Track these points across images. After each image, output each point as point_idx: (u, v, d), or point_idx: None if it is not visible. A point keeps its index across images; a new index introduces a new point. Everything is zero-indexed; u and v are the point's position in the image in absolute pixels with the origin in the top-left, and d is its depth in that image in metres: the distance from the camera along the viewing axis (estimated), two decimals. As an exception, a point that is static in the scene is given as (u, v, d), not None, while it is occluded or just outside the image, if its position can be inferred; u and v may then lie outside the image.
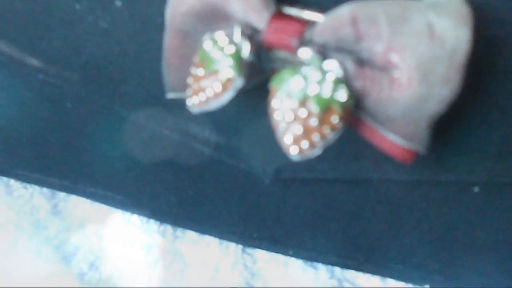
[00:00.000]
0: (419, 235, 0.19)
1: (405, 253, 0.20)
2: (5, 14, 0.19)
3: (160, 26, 0.17)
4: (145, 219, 0.23)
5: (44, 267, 0.20)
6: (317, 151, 0.13)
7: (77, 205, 0.23)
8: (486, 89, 0.15)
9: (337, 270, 0.21)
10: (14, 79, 0.20)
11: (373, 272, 0.21)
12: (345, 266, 0.21)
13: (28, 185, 0.23)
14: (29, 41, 0.19)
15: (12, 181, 0.23)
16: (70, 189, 0.23)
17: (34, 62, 0.20)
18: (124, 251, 0.22)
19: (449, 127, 0.16)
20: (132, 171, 0.22)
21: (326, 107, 0.13)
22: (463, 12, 0.14)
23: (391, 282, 0.21)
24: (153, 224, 0.22)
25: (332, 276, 0.21)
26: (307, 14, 0.15)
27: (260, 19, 0.14)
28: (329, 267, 0.21)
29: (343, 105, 0.13)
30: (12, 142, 0.23)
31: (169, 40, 0.16)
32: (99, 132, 0.21)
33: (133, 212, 0.23)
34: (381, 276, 0.21)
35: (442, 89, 0.13)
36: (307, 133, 0.13)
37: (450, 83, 0.13)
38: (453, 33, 0.13)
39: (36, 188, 0.23)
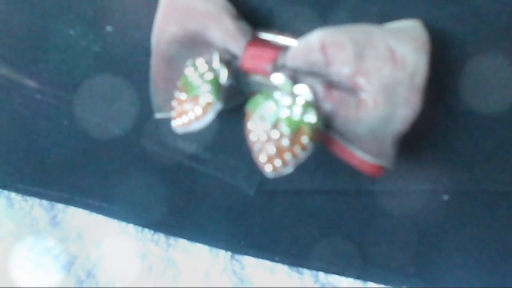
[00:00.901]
0: (396, 241, 0.20)
1: (384, 258, 0.21)
2: (4, 39, 0.20)
3: (147, 50, 0.18)
4: (139, 228, 0.24)
5: (44, 276, 0.22)
6: (289, 169, 0.14)
7: (74, 216, 0.24)
8: (448, 107, 0.16)
9: (321, 275, 0.22)
10: (14, 99, 0.22)
11: (355, 276, 0.22)
12: (328, 271, 0.22)
13: (28, 198, 0.25)
14: (26, 64, 0.20)
15: (13, 194, 0.25)
16: (68, 201, 0.24)
17: (31, 83, 0.21)
18: (120, 259, 0.23)
19: (417, 141, 0.17)
20: (127, 183, 0.23)
21: (296, 128, 0.14)
22: (422, 38, 0.15)
23: (372, 284, 0.22)
24: (147, 233, 0.24)
25: (317, 281, 0.22)
26: (281, 39, 0.16)
27: (237, 46, 0.15)
28: (314, 272, 0.23)
29: (313, 126, 0.14)
30: (12, 157, 0.24)
31: (155, 65, 0.17)
32: (94, 148, 0.22)
33: (128, 222, 0.24)
34: (362, 280, 0.22)
35: (404, 109, 0.14)
36: (279, 152, 0.14)
37: (411, 104, 0.14)
38: (413, 57, 0.14)
39: (36, 200, 0.25)
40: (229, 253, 0.23)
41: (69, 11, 0.19)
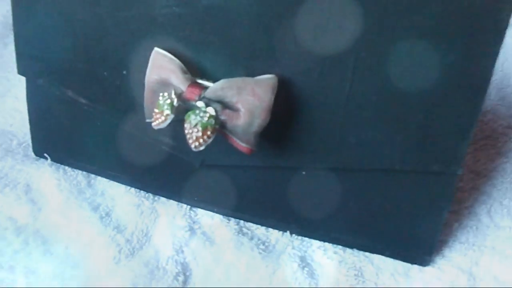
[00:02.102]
0: (277, 201, 0.36)
1: (272, 211, 0.37)
2: (72, 77, 0.38)
3: (143, 85, 0.35)
4: (137, 190, 0.41)
5: (83, 213, 0.39)
6: (203, 147, 0.31)
7: (101, 181, 0.42)
8: (295, 120, 0.32)
9: (241, 222, 0.38)
10: (72, 109, 0.40)
11: (257, 223, 0.38)
12: (252, 221, 0.38)
13: (75, 169, 0.42)
14: (82, 90, 0.38)
15: (66, 167, 0.43)
16: (97, 172, 0.42)
17: (84, 100, 0.39)
18: (125, 206, 0.40)
19: (281, 136, 0.33)
20: (131, 161, 0.40)
21: (205, 127, 0.30)
22: (272, 83, 0.31)
23: (273, 231, 0.38)
24: (141, 192, 0.41)
25: (237, 223, 0.38)
26: (205, 83, 0.32)
27: (183, 86, 0.32)
28: (240, 221, 0.38)
29: (212, 126, 0.31)
30: (67, 144, 0.42)
31: (146, 94, 0.34)
32: (114, 139, 0.39)
33: (131, 186, 0.41)
34: (264, 226, 0.38)
35: (259, 120, 0.31)
36: (196, 139, 0.31)
37: (261, 117, 0.31)
38: (264, 94, 0.30)
39: (79, 171, 0.42)
40: (188, 206, 0.40)
41: (104, 60, 0.36)
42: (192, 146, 0.31)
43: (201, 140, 0.31)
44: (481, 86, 0.30)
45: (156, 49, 0.34)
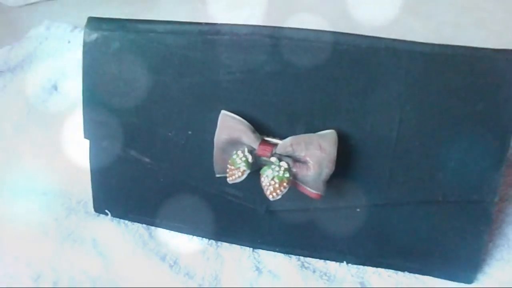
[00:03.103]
0: (334, 236, 0.42)
1: (330, 245, 0.43)
2: (135, 135, 0.43)
3: (211, 145, 0.41)
4: (200, 238, 0.46)
5: (153, 263, 0.43)
6: (279, 197, 0.37)
7: (162, 232, 0.47)
8: (350, 165, 0.39)
9: (301, 258, 0.44)
10: (134, 167, 0.44)
11: (317, 257, 0.44)
12: (312, 256, 0.44)
13: (135, 223, 0.47)
14: (145, 150, 0.43)
15: (126, 221, 0.47)
16: (158, 224, 0.47)
17: (146, 159, 0.44)
18: (190, 256, 0.45)
19: (339, 182, 0.39)
20: (193, 212, 0.45)
21: (281, 180, 0.37)
22: (334, 138, 0.38)
23: (331, 263, 0.44)
24: (205, 240, 0.46)
25: (299, 260, 0.44)
26: (275, 141, 0.39)
27: (255, 145, 0.38)
28: (301, 257, 0.44)
29: (288, 178, 0.37)
30: (127, 200, 0.46)
31: (216, 152, 0.40)
32: (176, 193, 0.44)
33: (193, 235, 0.46)
34: (323, 259, 0.44)
35: (326, 169, 0.37)
36: (274, 190, 0.37)
37: (329, 167, 0.37)
38: (329, 147, 0.37)
39: (139, 224, 0.47)
40: (251, 248, 0.45)
41: (168, 121, 0.42)
42: (270, 196, 0.38)
43: (278, 191, 0.37)
44: (508, 126, 0.38)
45: (223, 111, 0.40)
